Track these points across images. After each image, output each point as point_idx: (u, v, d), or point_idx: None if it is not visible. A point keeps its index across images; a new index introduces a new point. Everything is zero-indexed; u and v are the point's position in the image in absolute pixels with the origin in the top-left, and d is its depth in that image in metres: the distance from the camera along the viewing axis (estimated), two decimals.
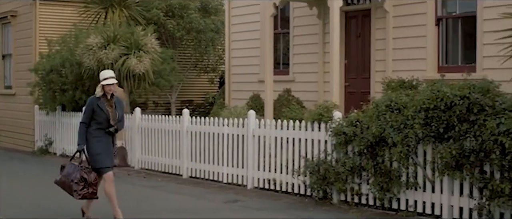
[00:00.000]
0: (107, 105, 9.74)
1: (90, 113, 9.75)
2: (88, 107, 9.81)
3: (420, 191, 10.17)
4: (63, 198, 10.72)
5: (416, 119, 9.67)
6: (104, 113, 9.68)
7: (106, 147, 9.79)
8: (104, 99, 9.78)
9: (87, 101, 9.94)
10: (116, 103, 9.87)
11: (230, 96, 19.14)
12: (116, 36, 18.10)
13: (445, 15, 14.05)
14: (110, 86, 9.78)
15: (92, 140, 9.71)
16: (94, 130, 9.74)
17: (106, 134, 9.80)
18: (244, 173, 13.35)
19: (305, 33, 16.76)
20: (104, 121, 9.71)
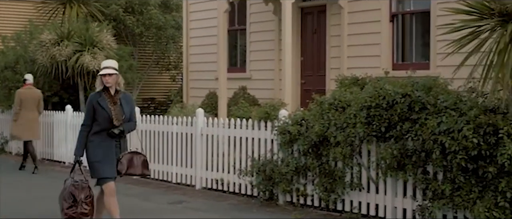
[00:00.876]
0: (109, 101, 8.27)
1: (90, 112, 8.29)
2: (87, 105, 8.40)
3: (364, 192, 9.87)
4: None
5: (358, 117, 9.36)
6: (105, 111, 8.20)
7: (107, 152, 8.29)
8: (106, 95, 8.30)
9: (88, 99, 8.50)
10: (122, 99, 8.40)
11: (188, 93, 18.79)
12: (70, 33, 17.73)
13: (400, 11, 13.77)
14: (107, 78, 8.26)
15: (90, 144, 8.29)
16: (94, 133, 8.29)
17: (108, 137, 8.29)
18: (193, 173, 13.00)
19: (262, 30, 16.44)
20: (105, 121, 8.22)
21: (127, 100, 8.50)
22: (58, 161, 17.43)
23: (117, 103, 8.31)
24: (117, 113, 8.26)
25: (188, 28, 18.79)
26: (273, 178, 10.89)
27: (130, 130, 8.53)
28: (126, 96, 8.54)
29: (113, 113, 8.23)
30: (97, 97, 8.30)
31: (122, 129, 8.33)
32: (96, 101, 8.24)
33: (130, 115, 8.50)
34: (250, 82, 16.53)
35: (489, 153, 8.05)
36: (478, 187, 8.25)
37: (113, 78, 8.31)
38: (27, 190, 13.04)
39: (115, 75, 8.35)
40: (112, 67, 8.36)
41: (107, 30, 18.11)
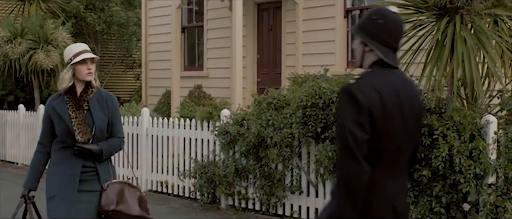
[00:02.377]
0: (71, 105, 5.46)
1: (46, 123, 5.60)
2: (44, 113, 5.67)
3: (304, 195, 9.42)
4: None
5: (294, 117, 8.91)
6: (63, 122, 5.44)
7: (66, 183, 5.44)
8: (69, 96, 5.49)
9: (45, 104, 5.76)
10: (94, 101, 5.51)
11: (147, 92, 18.31)
12: (24, 30, 17.21)
13: (355, 6, 13.33)
14: (89, 65, 5.48)
15: (48, 172, 5.60)
16: (54, 154, 5.60)
17: (73, 159, 5.47)
18: (138, 175, 12.50)
19: (218, 27, 15.97)
20: (64, 136, 5.47)
21: (104, 102, 5.58)
22: (11, 161, 16.94)
23: (83, 108, 5.48)
24: (82, 124, 5.46)
25: (147, 25, 18.31)
26: (215, 181, 10.43)
27: (111, 151, 5.59)
28: (103, 95, 5.60)
29: (74, 124, 5.44)
30: (54, 100, 5.60)
31: (95, 149, 5.43)
32: (52, 106, 5.55)
33: (111, 126, 5.58)
34: (207, 81, 16.06)
35: (423, 155, 7.61)
36: (413, 191, 7.80)
37: (94, 66, 5.59)
38: None
39: (94, 64, 5.61)
40: (88, 50, 5.61)
41: (63, 27, 17.58)
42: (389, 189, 3.87)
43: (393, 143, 3.82)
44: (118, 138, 5.66)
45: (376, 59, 3.84)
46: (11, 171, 15.57)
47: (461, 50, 7.38)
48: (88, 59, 5.47)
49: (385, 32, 3.84)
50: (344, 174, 3.72)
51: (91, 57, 5.51)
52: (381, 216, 3.84)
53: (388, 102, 3.78)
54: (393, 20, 3.89)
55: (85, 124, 5.44)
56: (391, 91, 3.80)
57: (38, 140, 5.71)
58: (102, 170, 5.51)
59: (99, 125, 5.47)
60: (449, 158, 7.41)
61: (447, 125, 7.50)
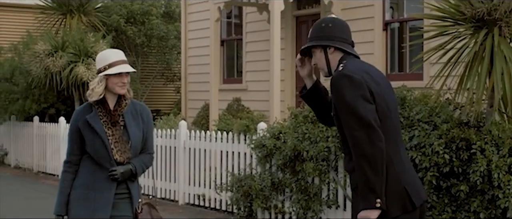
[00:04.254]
0: (106, 122, 5.03)
1: (75, 139, 5.05)
2: (71, 128, 5.11)
3: (340, 210, 9.31)
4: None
5: (330, 131, 8.81)
6: (98, 138, 4.97)
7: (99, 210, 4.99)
8: (101, 110, 5.04)
9: (71, 117, 5.20)
10: (128, 114, 5.11)
11: (186, 105, 18.31)
12: (65, 43, 17.35)
13: (394, 19, 13.19)
14: (124, 79, 5.03)
15: (73, 195, 5.05)
16: (82, 174, 5.07)
17: (106, 182, 5.00)
18: (176, 188, 12.51)
19: (257, 39, 15.93)
20: (98, 155, 4.99)
21: (139, 117, 5.15)
22: (51, 173, 17.08)
23: (119, 124, 5.06)
24: (118, 141, 5.01)
25: (187, 38, 18.34)
26: (251, 194, 10.37)
27: (143, 169, 5.23)
28: (137, 109, 5.18)
29: (112, 141, 4.99)
30: (85, 113, 5.06)
31: (132, 169, 5.04)
32: (84, 120, 4.99)
33: (145, 141, 5.19)
34: (246, 93, 16.02)
35: (461, 170, 7.46)
36: (451, 206, 7.65)
37: (128, 79, 5.10)
38: None
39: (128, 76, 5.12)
40: (125, 60, 5.10)
41: (104, 40, 17.70)
42: (405, 160, 4.24)
43: (391, 120, 4.17)
44: (149, 154, 5.27)
45: (342, 55, 4.35)
46: (51, 183, 15.69)
47: (500, 64, 7.23)
48: (123, 72, 5.03)
49: (339, 31, 4.42)
50: (364, 145, 3.94)
51: (127, 71, 5.04)
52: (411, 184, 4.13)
53: (379, 81, 4.19)
54: (339, 21, 4.53)
55: (123, 142, 5.02)
56: (377, 73, 4.28)
57: (66, 159, 5.15)
58: (134, 190, 5.13)
59: (135, 143, 5.07)
60: (487, 173, 7.24)
61: (485, 139, 7.34)
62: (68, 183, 5.10)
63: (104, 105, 5.06)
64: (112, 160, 4.99)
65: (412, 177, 4.22)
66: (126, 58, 5.21)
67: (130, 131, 5.08)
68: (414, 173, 4.30)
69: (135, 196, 5.13)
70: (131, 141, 5.06)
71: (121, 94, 5.09)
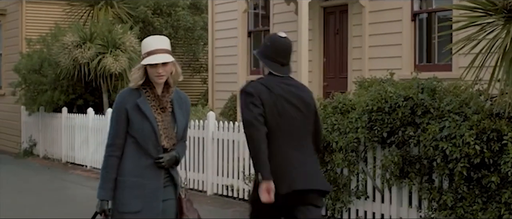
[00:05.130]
0: (155, 106, 4.97)
1: (121, 122, 4.94)
2: (115, 110, 5.00)
3: (369, 201, 9.32)
4: None
5: (360, 122, 8.81)
6: (147, 123, 4.89)
7: (150, 198, 4.91)
8: (150, 94, 4.97)
9: (115, 100, 5.06)
10: (175, 101, 5.08)
11: (213, 96, 18.36)
12: (93, 35, 17.45)
13: (422, 9, 13.14)
14: (160, 69, 4.88)
15: (122, 182, 4.91)
16: (129, 160, 4.93)
17: (154, 170, 4.93)
18: (204, 178, 12.58)
19: (285, 30, 15.80)
20: (146, 140, 4.90)
21: (182, 103, 5.14)
22: (80, 164, 17.22)
23: (167, 110, 5.01)
24: (167, 127, 4.96)
25: (214, 30, 18.37)
26: None
27: (181, 155, 5.16)
28: (181, 96, 5.17)
29: (161, 127, 4.92)
30: (134, 96, 4.94)
31: (177, 156, 5.02)
32: (135, 104, 4.90)
33: (184, 129, 5.14)
34: None
35: (492, 161, 7.44)
36: (481, 197, 7.63)
37: (168, 68, 4.93)
38: None
39: (171, 64, 4.96)
40: (165, 49, 4.94)
41: (131, 31, 17.77)
42: (291, 155, 5.25)
43: (286, 122, 5.27)
44: (184, 142, 5.23)
45: (269, 71, 5.44)
46: (80, 174, 15.86)
47: None
48: (159, 63, 4.85)
49: (273, 52, 5.47)
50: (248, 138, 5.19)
51: (164, 61, 4.87)
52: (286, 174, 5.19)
53: (276, 92, 5.28)
54: (279, 42, 5.57)
55: (170, 128, 4.97)
56: (279, 86, 5.32)
57: (109, 142, 4.98)
58: (176, 176, 5.10)
59: (180, 130, 5.06)
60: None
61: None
62: (113, 168, 4.93)
63: (152, 90, 4.98)
64: (159, 147, 4.92)
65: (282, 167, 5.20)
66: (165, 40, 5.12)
67: (177, 118, 5.04)
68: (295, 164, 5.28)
69: (177, 182, 5.11)
70: (177, 128, 5.03)
71: (160, 83, 4.97)
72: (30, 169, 17.03)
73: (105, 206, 4.95)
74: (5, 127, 22.62)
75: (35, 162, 18.48)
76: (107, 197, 4.95)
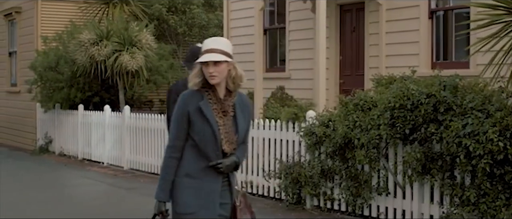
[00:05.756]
0: (216, 110, 4.89)
1: (182, 123, 4.88)
2: (177, 110, 4.93)
3: (390, 197, 9.41)
4: None
5: (382, 119, 8.90)
6: (208, 127, 4.83)
7: (207, 199, 4.89)
8: (212, 97, 4.90)
9: (177, 101, 5.00)
10: (239, 106, 4.99)
11: None
12: (109, 32, 17.57)
13: (439, 7, 13.21)
14: (210, 68, 4.81)
15: (180, 183, 4.90)
16: (187, 162, 4.90)
17: (211, 172, 4.87)
18: None
19: (300, 28, 16.01)
20: (207, 143, 4.84)
21: (244, 107, 5.05)
22: (96, 161, 17.35)
23: (229, 114, 4.93)
24: (228, 132, 4.89)
25: (229, 27, 18.47)
26: (300, 181, 10.50)
27: (241, 159, 5.07)
28: (243, 100, 5.07)
29: (222, 132, 4.87)
30: (196, 98, 4.89)
31: (237, 161, 4.97)
32: (197, 107, 4.86)
33: (245, 134, 5.09)
34: (289, 82, 16.13)
35: None
36: (504, 194, 7.72)
37: (221, 69, 4.84)
38: None
39: (225, 64, 4.86)
40: (220, 49, 4.85)
41: (147, 29, 17.89)
42: None
43: None
44: (245, 145, 5.14)
45: None
46: (97, 170, 15.98)
47: None
48: (210, 62, 4.80)
49: (194, 57, 6.01)
50: None
51: (215, 60, 4.79)
52: None
53: None
54: (197, 49, 6.58)
55: (231, 133, 4.90)
56: None
57: (169, 143, 4.95)
58: (233, 180, 5.04)
59: (242, 134, 4.97)
60: None
61: None
62: (172, 170, 4.91)
63: (214, 92, 4.89)
64: (218, 151, 4.84)
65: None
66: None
67: (239, 123, 4.94)
68: None
69: (233, 186, 5.05)
70: (238, 132, 4.92)
71: (213, 84, 4.86)
72: (46, 166, 17.16)
73: (162, 208, 4.94)
74: (20, 124, 22.76)
75: (51, 159, 18.60)
76: (165, 198, 4.94)
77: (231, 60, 4.86)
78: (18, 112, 22.95)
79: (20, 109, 22.74)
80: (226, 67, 4.85)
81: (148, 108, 21.09)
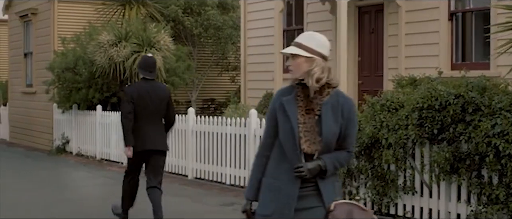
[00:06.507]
0: (301, 107, 4.58)
1: (271, 122, 4.72)
2: (269, 108, 4.78)
3: (417, 196, 9.57)
4: None
5: (410, 119, 9.06)
6: (288, 125, 4.56)
7: (283, 204, 4.57)
8: (300, 94, 4.61)
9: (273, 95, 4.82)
10: (331, 107, 4.55)
11: (245, 94, 18.65)
12: (128, 33, 17.74)
13: (459, 9, 13.37)
14: (288, 61, 4.70)
15: (264, 183, 4.70)
16: (272, 161, 4.69)
17: (291, 174, 4.52)
18: (246, 175, 12.84)
19: (319, 29, 16.02)
20: (287, 143, 4.57)
21: (339, 110, 4.57)
22: (115, 161, 17.51)
23: (314, 113, 4.56)
24: (309, 131, 4.54)
25: (246, 28, 18.65)
26: None
27: (335, 167, 4.63)
28: (340, 101, 4.59)
29: (301, 130, 4.54)
30: (286, 94, 4.67)
31: (321, 165, 4.51)
32: (280, 102, 4.65)
33: (343, 139, 4.63)
34: None
35: None
36: None
37: (297, 63, 4.59)
38: None
39: (302, 59, 4.57)
40: (299, 42, 4.65)
41: (165, 30, 18.06)
42: (148, 130, 9.03)
43: (146, 110, 9.00)
44: (347, 152, 4.70)
45: (142, 77, 9.22)
46: (116, 170, 16.11)
47: None
48: (289, 54, 4.63)
49: (142, 65, 9.26)
50: (122, 121, 8.97)
51: (292, 53, 4.61)
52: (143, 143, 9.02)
53: (142, 93, 9.01)
54: (147, 59, 9.26)
55: (314, 132, 4.52)
56: (144, 88, 9.09)
57: (261, 140, 4.84)
58: (323, 186, 4.57)
59: (327, 137, 4.51)
60: None
61: None
62: (259, 168, 4.75)
63: (304, 89, 4.59)
64: (297, 150, 4.52)
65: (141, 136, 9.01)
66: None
67: (324, 123, 4.51)
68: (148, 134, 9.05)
69: (325, 193, 4.57)
70: (323, 134, 4.50)
71: (293, 77, 4.62)
72: (65, 166, 17.34)
73: (247, 206, 4.81)
74: (36, 124, 22.94)
75: (69, 159, 18.77)
76: (250, 196, 4.80)
77: (310, 55, 4.54)
78: (33, 113, 23.14)
79: (36, 109, 22.93)
80: (304, 62, 4.54)
81: None
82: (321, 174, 4.54)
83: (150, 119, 9.01)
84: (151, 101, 8.95)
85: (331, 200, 4.55)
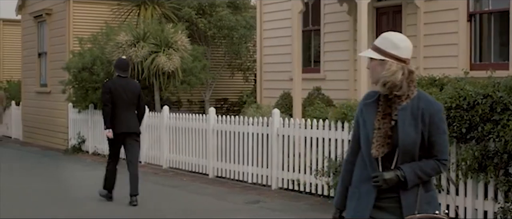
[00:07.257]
0: (379, 112, 4.29)
1: (355, 128, 4.54)
2: (356, 112, 4.54)
3: (443, 193, 9.75)
4: None
5: None
6: (365, 128, 4.35)
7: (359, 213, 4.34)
8: (382, 98, 4.30)
9: None
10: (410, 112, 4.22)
11: (261, 94, 18.85)
12: (146, 34, 17.94)
13: (478, 10, 13.57)
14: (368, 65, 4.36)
15: (349, 190, 4.46)
16: (356, 169, 4.45)
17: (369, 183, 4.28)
18: (269, 173, 13.05)
19: (336, 30, 16.38)
20: (365, 149, 4.35)
21: (419, 116, 4.22)
22: None
23: (390, 117, 4.27)
24: (382, 136, 4.24)
25: (262, 29, 18.85)
26: None
27: (420, 176, 4.22)
28: (421, 106, 4.23)
29: (375, 135, 4.26)
30: (368, 97, 4.45)
31: (399, 175, 4.19)
32: (360, 108, 4.46)
33: (430, 146, 4.26)
34: (325, 83, 16.50)
35: None
36: None
37: (372, 66, 4.31)
38: None
39: (376, 62, 4.26)
40: (374, 45, 4.33)
41: (181, 31, 18.26)
42: (124, 116, 11.31)
43: (121, 101, 11.29)
44: (436, 160, 4.29)
45: (117, 74, 11.69)
46: None
47: None
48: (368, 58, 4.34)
49: (117, 65, 11.81)
50: (103, 109, 11.47)
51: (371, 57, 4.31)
52: (120, 127, 11.32)
53: (117, 87, 11.41)
54: (120, 60, 11.97)
55: (387, 138, 4.23)
56: (119, 83, 11.52)
57: (349, 146, 4.72)
58: (405, 197, 4.23)
59: (404, 144, 4.20)
60: None
61: None
62: (346, 175, 4.57)
63: (386, 96, 4.30)
64: (372, 157, 4.27)
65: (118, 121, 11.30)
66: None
67: (400, 130, 4.21)
68: (123, 120, 11.35)
69: (405, 205, 4.24)
70: (398, 141, 4.21)
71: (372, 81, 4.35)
72: (83, 165, 17.51)
73: (335, 215, 4.62)
74: (51, 124, 23.13)
75: (86, 158, 18.96)
76: (337, 204, 4.62)
77: (382, 58, 4.22)
78: (48, 112, 23.32)
79: (50, 109, 23.12)
80: (378, 65, 4.25)
81: (176, 108, 21.45)
82: (403, 184, 4.23)
83: (125, 108, 11.35)
84: (125, 93, 11.33)
85: (411, 213, 4.21)
